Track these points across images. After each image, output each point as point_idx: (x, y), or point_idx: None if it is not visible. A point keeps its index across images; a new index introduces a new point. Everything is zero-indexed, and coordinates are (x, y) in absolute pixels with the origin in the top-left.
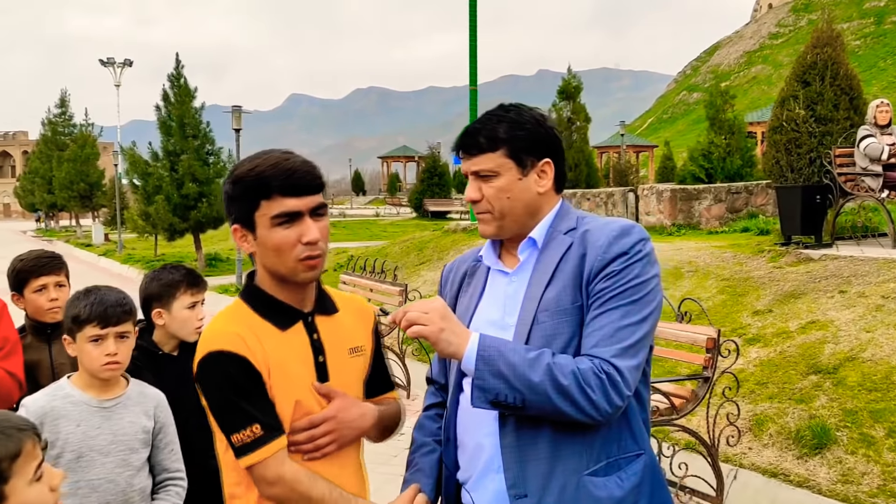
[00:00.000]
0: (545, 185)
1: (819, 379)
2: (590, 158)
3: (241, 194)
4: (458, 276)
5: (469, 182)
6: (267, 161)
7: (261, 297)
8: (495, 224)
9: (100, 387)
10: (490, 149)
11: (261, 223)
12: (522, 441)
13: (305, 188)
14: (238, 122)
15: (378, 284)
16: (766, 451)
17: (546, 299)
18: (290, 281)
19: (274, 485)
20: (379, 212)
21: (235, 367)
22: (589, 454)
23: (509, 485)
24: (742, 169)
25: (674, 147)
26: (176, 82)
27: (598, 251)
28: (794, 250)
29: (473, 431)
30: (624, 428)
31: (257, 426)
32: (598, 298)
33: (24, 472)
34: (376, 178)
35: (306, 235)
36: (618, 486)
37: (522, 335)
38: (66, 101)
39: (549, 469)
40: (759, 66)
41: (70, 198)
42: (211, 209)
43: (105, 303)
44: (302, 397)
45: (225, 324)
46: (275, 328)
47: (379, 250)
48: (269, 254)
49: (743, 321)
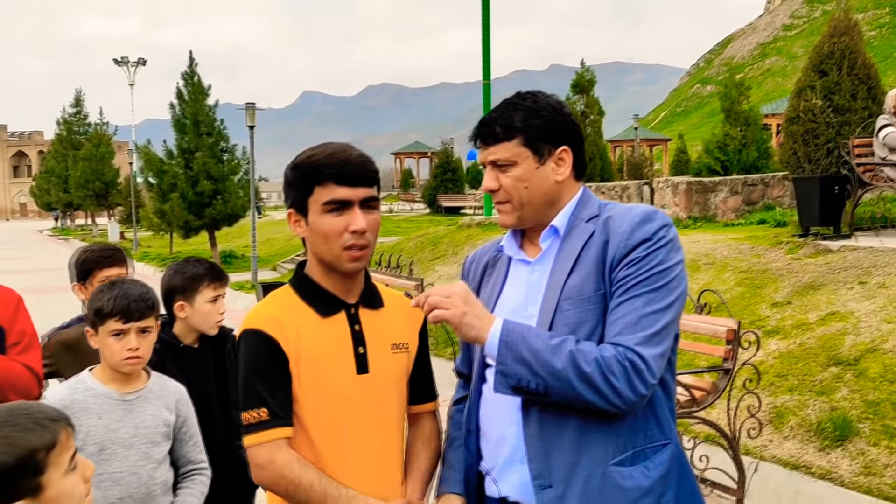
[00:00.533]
0: (563, 173)
1: (840, 370)
2: (604, 152)
3: (297, 179)
4: (480, 267)
5: (486, 172)
6: (325, 150)
7: (307, 283)
8: (514, 214)
9: (121, 380)
10: (506, 138)
11: (313, 209)
12: (546, 431)
13: (358, 179)
14: (252, 119)
15: (394, 279)
16: (787, 444)
17: (569, 287)
18: (335, 269)
19: (263, 468)
20: (392, 208)
21: (264, 348)
22: (615, 444)
23: (533, 475)
24: (758, 161)
25: (688, 140)
26: (190, 80)
27: (621, 238)
28: (812, 242)
29: (497, 422)
30: (650, 417)
31: (265, 410)
32: (621, 286)
33: (59, 462)
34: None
35: (353, 224)
36: (644, 475)
37: (545, 324)
38: (80, 100)
39: (574, 459)
40: (774, 58)
41: (86, 196)
42: (226, 206)
43: (128, 297)
44: (335, 385)
45: (267, 306)
46: (316, 314)
47: (393, 246)
48: (318, 240)
49: (762, 313)
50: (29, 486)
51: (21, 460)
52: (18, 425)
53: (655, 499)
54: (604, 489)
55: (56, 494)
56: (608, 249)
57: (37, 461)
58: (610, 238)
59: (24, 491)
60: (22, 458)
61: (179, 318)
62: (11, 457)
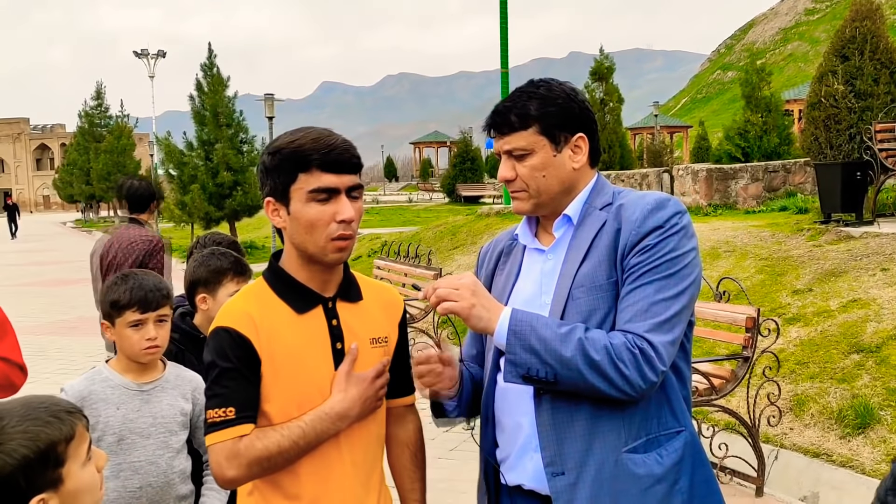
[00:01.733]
0: (580, 161)
1: (861, 358)
2: (623, 140)
3: (278, 166)
4: (494, 256)
5: (502, 161)
6: (308, 136)
7: (282, 277)
8: (531, 202)
9: (138, 370)
10: (522, 127)
11: (296, 197)
12: (558, 419)
13: (344, 166)
14: (271, 110)
15: (412, 269)
16: (807, 432)
17: (581, 275)
18: (316, 261)
19: (229, 464)
20: (411, 198)
21: (235, 346)
22: (628, 431)
23: (546, 462)
24: (779, 147)
25: (708, 127)
26: (209, 72)
27: (633, 225)
28: (834, 228)
29: (511, 411)
30: (663, 404)
31: (232, 409)
32: (632, 273)
33: (77, 454)
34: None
35: (341, 213)
36: (658, 462)
37: (557, 312)
38: (101, 93)
39: (587, 446)
40: (796, 43)
41: (107, 188)
42: (246, 197)
43: (144, 288)
44: (313, 382)
45: (240, 302)
46: (291, 311)
47: (412, 236)
48: (301, 230)
49: (782, 301)
50: (50, 479)
51: (42, 453)
52: (38, 419)
53: (669, 486)
54: (616, 476)
55: (75, 485)
56: (620, 237)
57: (57, 454)
58: (622, 226)
59: (46, 483)
60: (43, 451)
61: (201, 309)
62: (32, 450)
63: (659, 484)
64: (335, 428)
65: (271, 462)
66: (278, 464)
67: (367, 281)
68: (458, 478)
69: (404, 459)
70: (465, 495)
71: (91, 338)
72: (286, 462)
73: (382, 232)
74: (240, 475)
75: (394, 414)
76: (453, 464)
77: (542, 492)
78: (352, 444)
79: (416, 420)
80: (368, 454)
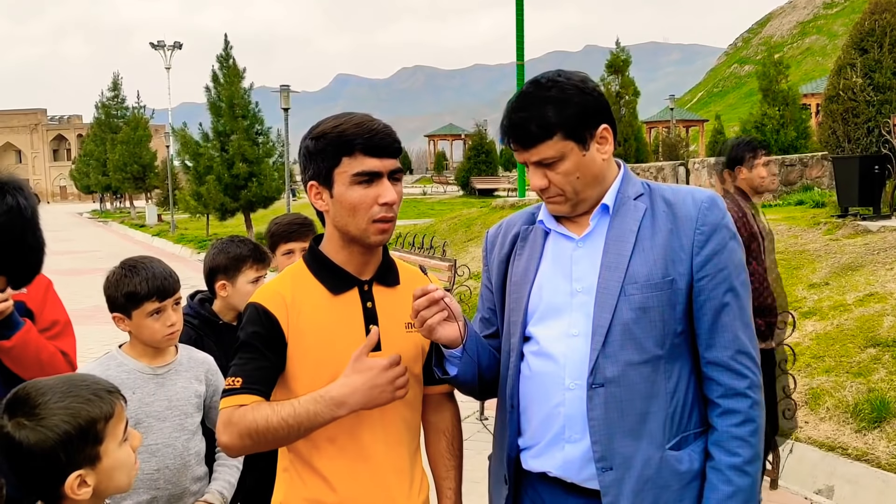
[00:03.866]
0: (608, 151)
1: (878, 352)
2: (639, 133)
3: (322, 150)
4: (509, 240)
5: (531, 171)
6: (351, 120)
7: (319, 259)
8: (568, 204)
9: (152, 355)
10: (546, 137)
11: (339, 180)
12: (610, 415)
13: (386, 150)
14: (286, 101)
15: (427, 260)
16: (822, 425)
17: (633, 272)
18: (358, 243)
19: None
20: (426, 190)
21: (260, 322)
22: (670, 428)
23: (597, 457)
24: (796, 141)
25: (725, 121)
26: (225, 63)
27: (692, 223)
28: (851, 222)
29: (541, 402)
30: (696, 403)
31: (240, 380)
32: (710, 284)
33: (115, 433)
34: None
35: (384, 196)
36: (694, 459)
37: (607, 304)
38: (118, 84)
39: (635, 442)
40: (814, 37)
41: (124, 179)
42: (261, 189)
43: (158, 276)
44: (343, 362)
45: (276, 282)
46: (326, 291)
47: (427, 227)
48: (344, 213)
49: (798, 294)
50: (88, 455)
51: (82, 430)
52: (79, 396)
53: (704, 483)
54: (660, 472)
55: (112, 463)
56: (677, 236)
57: (96, 431)
58: (678, 224)
59: (84, 459)
60: (83, 428)
61: (220, 296)
62: (73, 426)
63: (696, 480)
64: (330, 413)
65: (259, 435)
66: (267, 438)
67: (407, 267)
68: (472, 468)
69: (440, 447)
70: (479, 485)
71: (106, 326)
72: (277, 438)
73: (397, 224)
74: (231, 442)
75: (431, 401)
76: (467, 454)
77: (569, 479)
78: (386, 429)
79: (454, 408)
80: (403, 439)
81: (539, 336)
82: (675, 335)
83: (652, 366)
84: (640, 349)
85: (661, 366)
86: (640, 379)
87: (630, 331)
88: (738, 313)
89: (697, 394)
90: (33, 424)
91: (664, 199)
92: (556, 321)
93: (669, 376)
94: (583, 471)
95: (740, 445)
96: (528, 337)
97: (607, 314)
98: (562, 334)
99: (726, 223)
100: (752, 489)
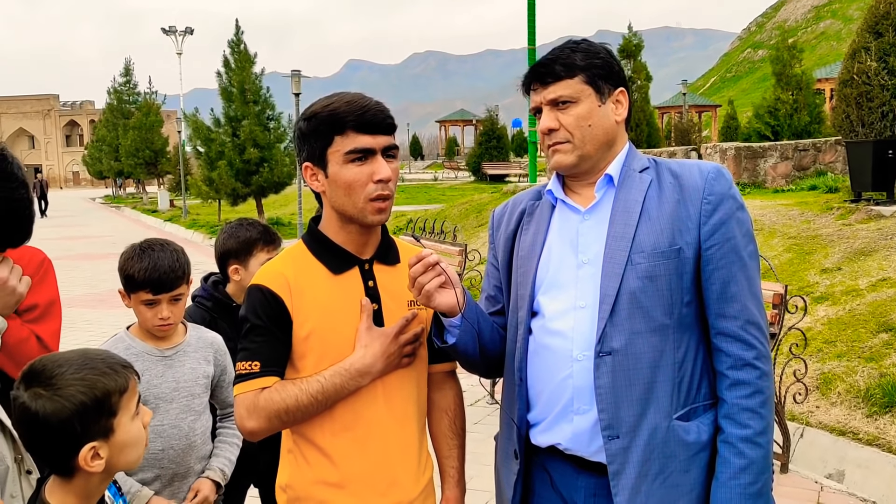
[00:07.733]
0: (622, 114)
1: (890, 337)
2: (651, 118)
3: (314, 130)
4: (515, 216)
5: (544, 112)
6: (342, 99)
7: (319, 239)
8: (575, 154)
9: (159, 337)
10: (567, 75)
11: (333, 160)
12: (618, 383)
13: (378, 126)
14: (297, 87)
15: (437, 245)
16: (834, 410)
17: (640, 241)
18: (356, 222)
19: (250, 414)
20: (437, 176)
21: (266, 304)
22: (677, 399)
23: (604, 426)
24: (810, 125)
25: (738, 106)
26: (236, 48)
27: (698, 192)
28: (864, 207)
29: (549, 376)
30: (706, 375)
31: (258, 363)
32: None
33: (128, 407)
34: (434, 143)
35: (378, 173)
36: (702, 431)
37: (614, 274)
38: (130, 70)
39: (642, 411)
40: (828, 21)
41: (136, 165)
42: (272, 174)
43: (159, 269)
44: (347, 340)
45: (277, 263)
46: (327, 271)
47: (438, 213)
48: (340, 192)
49: (810, 279)
50: (102, 427)
51: (97, 401)
52: (95, 369)
53: (712, 455)
54: (667, 442)
55: (124, 437)
56: (684, 206)
57: (111, 403)
58: (685, 195)
59: (98, 431)
60: (98, 400)
61: (234, 280)
62: (89, 397)
63: (703, 451)
64: (355, 384)
65: (289, 415)
66: (297, 417)
67: (407, 246)
68: (482, 451)
69: (443, 426)
70: (489, 468)
71: (118, 310)
72: (305, 416)
73: (408, 209)
74: (259, 427)
75: (433, 380)
76: (477, 437)
77: (579, 453)
78: (390, 405)
79: (456, 387)
80: (410, 415)
81: (547, 309)
82: (684, 305)
83: (660, 335)
84: (648, 318)
85: (670, 335)
86: (648, 348)
87: (637, 300)
88: (747, 283)
89: (706, 366)
90: (50, 394)
91: (670, 171)
92: (563, 293)
93: (678, 346)
94: (592, 443)
95: (751, 417)
96: (535, 312)
97: (614, 283)
98: (569, 307)
99: (733, 193)
100: (766, 460)
